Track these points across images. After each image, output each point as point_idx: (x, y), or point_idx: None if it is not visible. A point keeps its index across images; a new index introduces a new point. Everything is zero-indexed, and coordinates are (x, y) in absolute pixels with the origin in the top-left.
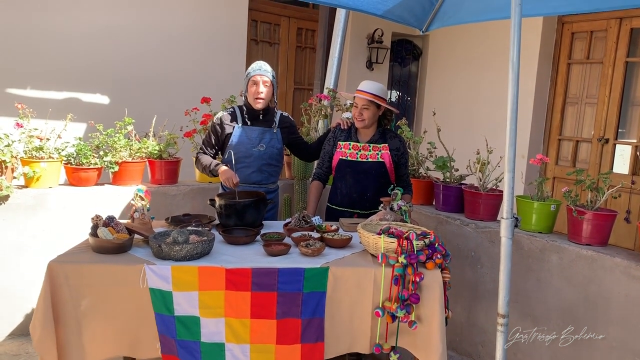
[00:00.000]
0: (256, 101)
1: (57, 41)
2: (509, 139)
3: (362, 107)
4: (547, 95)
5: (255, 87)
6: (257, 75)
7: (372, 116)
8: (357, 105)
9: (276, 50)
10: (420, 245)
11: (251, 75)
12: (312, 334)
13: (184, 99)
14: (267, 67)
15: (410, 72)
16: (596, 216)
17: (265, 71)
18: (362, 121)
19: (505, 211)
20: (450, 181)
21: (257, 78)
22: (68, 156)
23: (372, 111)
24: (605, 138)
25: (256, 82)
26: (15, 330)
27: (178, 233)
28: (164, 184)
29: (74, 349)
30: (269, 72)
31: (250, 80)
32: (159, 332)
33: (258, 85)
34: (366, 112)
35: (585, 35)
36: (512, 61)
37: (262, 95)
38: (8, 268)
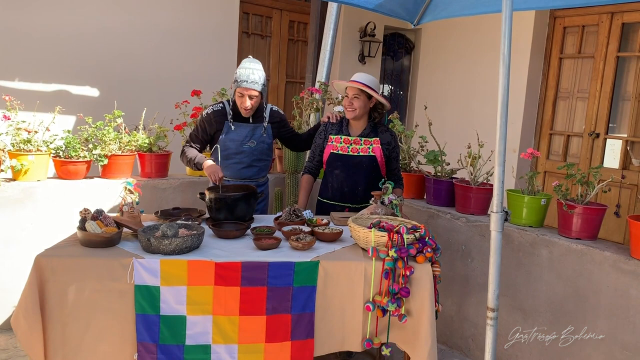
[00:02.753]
0: (244, 111)
1: (46, 33)
2: (500, 133)
3: (352, 96)
4: (539, 89)
5: (242, 100)
6: (243, 89)
7: (362, 106)
8: (347, 94)
9: (268, 43)
10: (410, 239)
11: (239, 85)
12: (302, 330)
13: (175, 92)
14: (257, 74)
15: (402, 66)
16: (586, 210)
17: (252, 83)
18: (352, 111)
19: (495, 205)
20: (442, 175)
21: (243, 91)
22: (57, 149)
23: (362, 100)
24: (596, 132)
25: (243, 95)
26: (4, 324)
27: (167, 227)
28: (154, 177)
29: (58, 346)
30: (258, 84)
31: (237, 91)
32: (137, 340)
33: (244, 98)
34: (356, 102)
35: (577, 30)
36: (503, 54)
37: (248, 107)
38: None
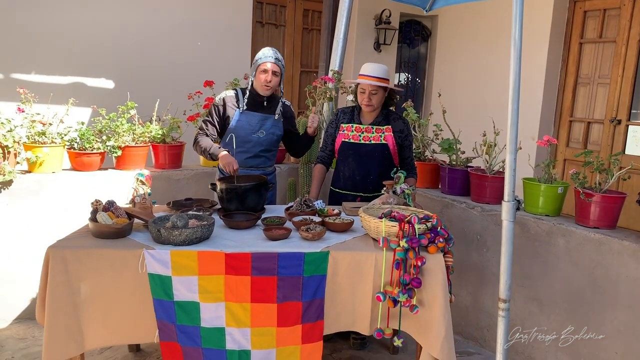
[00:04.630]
0: (264, 88)
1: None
2: (511, 120)
3: (370, 92)
4: (558, 75)
5: (265, 75)
6: (268, 63)
7: (380, 100)
8: (364, 90)
9: (282, 33)
10: (422, 228)
11: (262, 61)
12: (312, 314)
13: (188, 83)
14: (278, 54)
15: (419, 54)
16: (604, 199)
17: (276, 59)
18: (370, 106)
19: (507, 194)
20: (456, 164)
21: (267, 66)
22: (71, 141)
23: (380, 95)
24: (618, 119)
25: (266, 70)
26: (22, 314)
27: (177, 217)
28: (167, 169)
29: (73, 336)
30: (280, 61)
31: (260, 67)
32: (157, 319)
33: (268, 73)
34: (375, 98)
35: (598, 14)
36: (515, 39)
37: (270, 83)
38: (12, 253)
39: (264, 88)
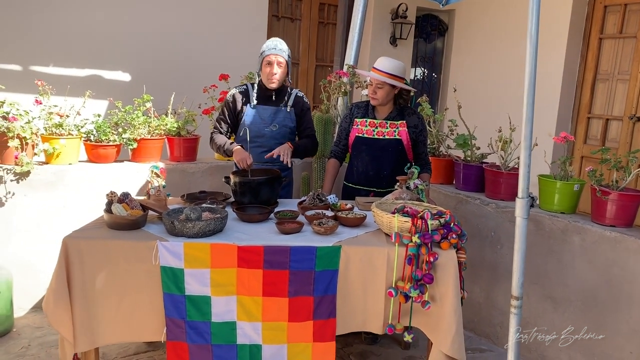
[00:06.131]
0: (270, 81)
1: (79, 19)
2: (526, 116)
3: (376, 85)
4: (577, 71)
5: (270, 68)
6: (271, 55)
7: (385, 95)
8: (371, 83)
9: (298, 27)
10: (435, 224)
11: (265, 54)
12: (324, 310)
13: (203, 77)
14: (283, 45)
15: (435, 48)
16: (621, 196)
17: (280, 50)
18: (375, 99)
19: (521, 190)
20: (471, 160)
21: (271, 58)
22: (87, 133)
23: (385, 90)
24: (637, 116)
25: (270, 63)
26: (38, 303)
27: (191, 210)
28: (182, 161)
29: (84, 329)
30: (284, 52)
31: (265, 60)
32: (166, 316)
33: (272, 65)
34: (380, 92)
35: (619, 9)
36: (530, 33)
37: (276, 76)
38: (30, 243)
39: (270, 81)
